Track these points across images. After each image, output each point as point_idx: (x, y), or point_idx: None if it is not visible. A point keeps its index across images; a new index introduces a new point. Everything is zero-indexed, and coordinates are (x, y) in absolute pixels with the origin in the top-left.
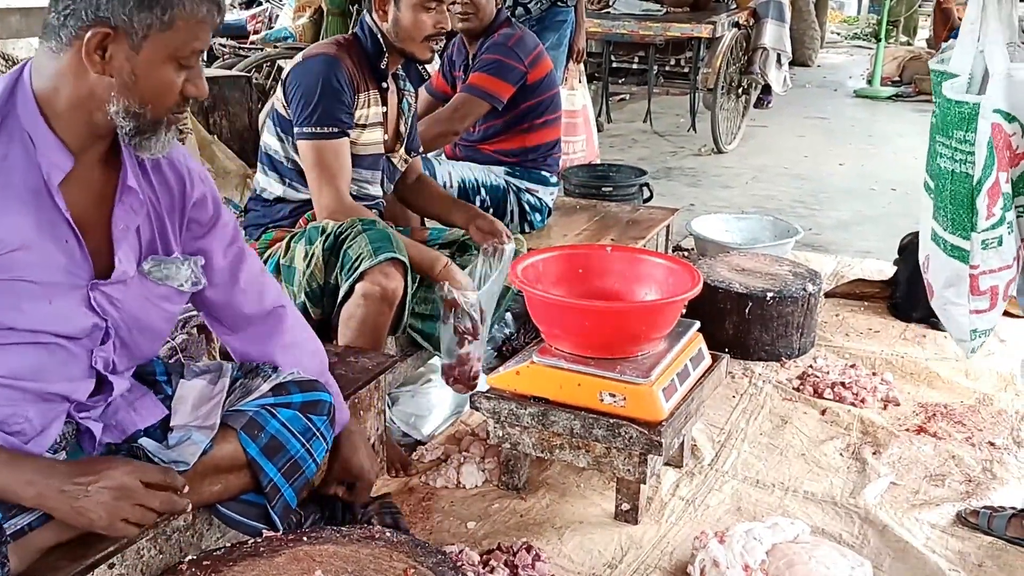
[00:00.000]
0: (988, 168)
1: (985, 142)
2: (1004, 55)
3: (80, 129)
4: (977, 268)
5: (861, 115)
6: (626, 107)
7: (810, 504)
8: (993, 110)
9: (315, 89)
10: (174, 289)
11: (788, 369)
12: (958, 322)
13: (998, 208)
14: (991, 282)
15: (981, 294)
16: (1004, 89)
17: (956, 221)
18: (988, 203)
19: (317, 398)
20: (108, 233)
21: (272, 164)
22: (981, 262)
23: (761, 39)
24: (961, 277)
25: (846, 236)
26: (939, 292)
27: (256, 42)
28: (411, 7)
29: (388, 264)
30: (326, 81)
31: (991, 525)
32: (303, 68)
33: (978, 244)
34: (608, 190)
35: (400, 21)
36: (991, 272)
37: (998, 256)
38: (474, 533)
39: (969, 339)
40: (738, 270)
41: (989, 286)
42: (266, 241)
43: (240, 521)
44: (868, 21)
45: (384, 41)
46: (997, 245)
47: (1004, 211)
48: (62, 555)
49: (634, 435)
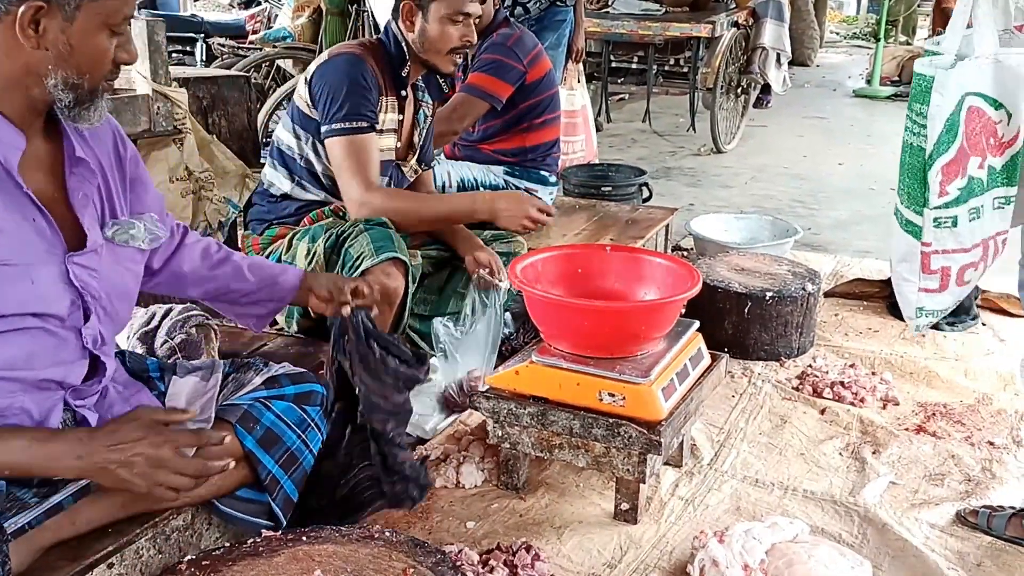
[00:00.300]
0: (944, 144)
1: (941, 117)
2: (994, 38)
3: (20, 106)
4: (929, 246)
5: (860, 115)
6: (625, 107)
7: (809, 503)
8: (972, 93)
9: (343, 85)
10: (137, 249)
11: (787, 369)
12: (907, 299)
13: (954, 188)
14: (943, 262)
15: (932, 273)
16: (991, 74)
17: (911, 195)
18: (941, 180)
19: (309, 389)
20: (66, 205)
21: (283, 160)
22: (933, 240)
23: (760, 39)
24: (913, 253)
25: (845, 236)
26: (895, 266)
27: (255, 42)
28: (439, 19)
29: (389, 263)
30: (353, 78)
31: (990, 525)
32: (330, 66)
33: (930, 221)
34: (607, 190)
35: (427, 32)
36: (944, 252)
37: (952, 237)
38: (473, 533)
39: (915, 316)
40: (737, 270)
41: (940, 266)
42: (269, 237)
43: (242, 518)
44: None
45: (408, 50)
46: (951, 225)
47: (968, 194)
48: (61, 555)
49: (633, 435)
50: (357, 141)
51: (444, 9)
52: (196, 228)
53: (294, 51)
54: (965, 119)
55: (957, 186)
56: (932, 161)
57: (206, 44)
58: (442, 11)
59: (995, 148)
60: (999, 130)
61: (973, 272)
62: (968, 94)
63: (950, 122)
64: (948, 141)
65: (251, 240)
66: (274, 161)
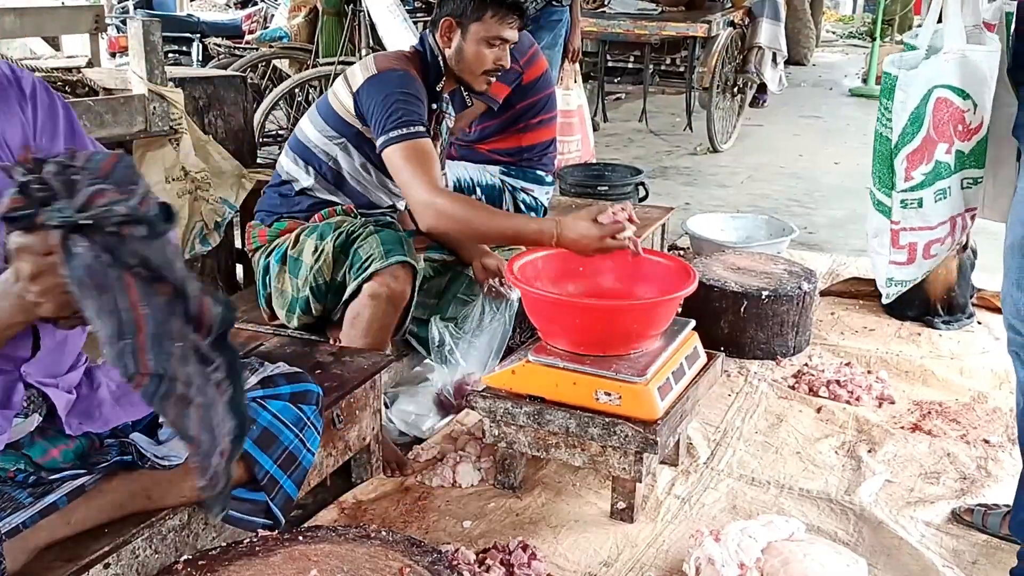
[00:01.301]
0: (908, 135)
1: (906, 112)
2: (961, 34)
3: None
4: (897, 224)
5: (856, 114)
6: (622, 106)
7: (805, 502)
8: (940, 85)
9: (397, 96)
10: None
11: (783, 367)
12: (879, 270)
13: (919, 173)
14: (910, 239)
15: (900, 248)
16: (958, 68)
17: (881, 178)
18: (907, 167)
19: (305, 388)
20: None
21: (307, 156)
22: (901, 219)
23: (756, 38)
24: (884, 230)
25: (841, 235)
26: (869, 240)
27: (251, 42)
28: (476, 40)
29: (398, 267)
30: (408, 89)
31: (986, 523)
32: (382, 80)
33: (897, 202)
34: (604, 189)
35: (463, 51)
36: (911, 229)
37: (919, 216)
38: (470, 532)
39: (886, 286)
40: (733, 269)
41: (908, 242)
42: (277, 229)
43: (239, 518)
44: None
45: (444, 65)
46: (917, 206)
47: (934, 177)
48: (57, 555)
49: (630, 433)
50: (418, 145)
51: (483, 32)
52: (192, 228)
53: (290, 51)
54: (932, 109)
55: (922, 171)
56: (898, 150)
57: (202, 44)
58: (481, 33)
59: (963, 134)
60: (967, 117)
61: (939, 247)
62: (936, 86)
63: (914, 115)
64: (912, 132)
65: (258, 231)
66: (296, 155)
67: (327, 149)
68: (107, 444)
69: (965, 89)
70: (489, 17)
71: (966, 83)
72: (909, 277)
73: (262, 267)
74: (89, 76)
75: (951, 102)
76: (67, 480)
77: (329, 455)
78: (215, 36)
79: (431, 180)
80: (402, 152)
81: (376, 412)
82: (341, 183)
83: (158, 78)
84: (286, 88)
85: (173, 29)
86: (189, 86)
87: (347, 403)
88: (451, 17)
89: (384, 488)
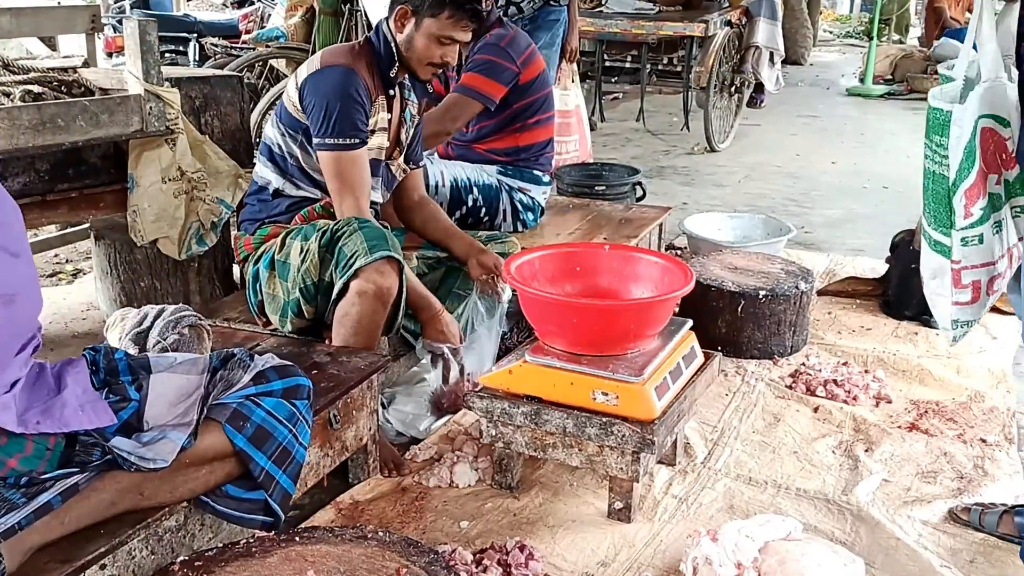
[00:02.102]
0: (964, 171)
1: (960, 147)
2: (997, 62)
3: None
4: (959, 263)
5: (853, 113)
6: (619, 106)
7: (802, 501)
8: (983, 115)
9: (335, 100)
10: None
11: (781, 367)
12: (941, 312)
13: (977, 208)
14: (973, 277)
15: (963, 287)
16: (998, 95)
17: (938, 218)
18: (965, 203)
19: (296, 383)
20: None
21: (271, 156)
22: (962, 257)
23: (753, 37)
24: (944, 270)
25: (838, 234)
26: (927, 282)
27: (248, 42)
28: (428, 34)
29: (383, 262)
30: (345, 93)
31: (982, 522)
32: (322, 78)
33: (958, 241)
34: (601, 189)
35: (413, 40)
36: (973, 267)
37: (978, 253)
38: (467, 532)
39: (951, 328)
40: (731, 268)
41: (971, 280)
42: (261, 236)
43: (238, 517)
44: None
45: (396, 51)
46: (977, 243)
47: (989, 211)
48: (53, 556)
49: (627, 433)
50: (347, 158)
51: (436, 28)
52: (189, 228)
53: (287, 51)
54: (980, 142)
55: (979, 207)
56: (956, 188)
57: (199, 44)
58: (433, 29)
59: (1008, 162)
60: (1009, 145)
61: (1001, 281)
62: (981, 116)
63: (968, 149)
64: (968, 167)
65: (243, 240)
66: (264, 158)
67: (287, 148)
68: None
69: (1006, 117)
70: (445, 16)
71: (1006, 110)
72: (974, 316)
73: (251, 275)
74: (85, 76)
75: (995, 131)
76: (60, 479)
77: (326, 455)
78: (212, 36)
79: (357, 200)
80: (334, 163)
81: (373, 412)
82: (309, 178)
83: (154, 78)
84: (282, 88)
85: (170, 29)
86: (185, 86)
87: (344, 403)
88: (407, 6)
89: (381, 488)
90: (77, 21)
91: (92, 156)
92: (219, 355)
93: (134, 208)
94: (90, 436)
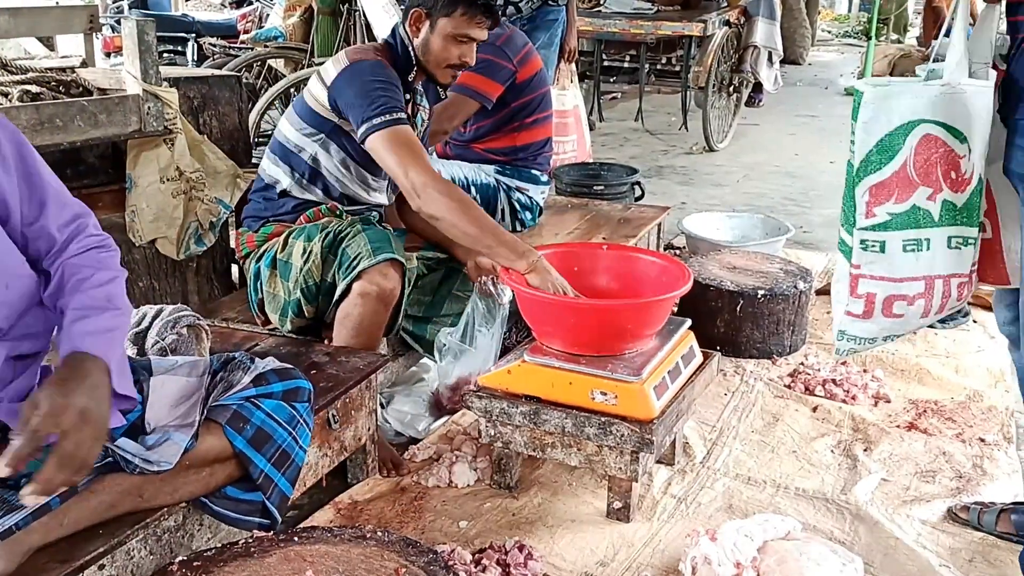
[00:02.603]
0: (873, 164)
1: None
2: (964, 66)
3: None
4: (857, 268)
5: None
6: (618, 106)
7: (801, 501)
8: (931, 120)
9: (373, 85)
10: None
11: (779, 367)
12: (835, 319)
13: (883, 211)
14: (868, 288)
15: (857, 297)
16: (956, 103)
17: (845, 213)
18: (868, 200)
19: (296, 386)
20: None
21: (286, 156)
22: (861, 262)
23: (752, 37)
24: (844, 273)
25: (837, 233)
26: (833, 286)
27: (246, 41)
28: (443, 35)
29: (387, 264)
30: (383, 76)
31: (981, 521)
32: (355, 69)
33: (857, 242)
34: (600, 189)
35: (429, 43)
36: (871, 278)
37: (880, 263)
38: (466, 532)
39: (837, 339)
40: (729, 268)
41: (866, 291)
42: (264, 234)
43: (236, 518)
44: (859, 19)
45: (414, 55)
46: (878, 250)
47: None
48: (51, 556)
49: (626, 433)
50: (402, 132)
51: (451, 28)
52: (187, 228)
53: (285, 51)
54: (916, 146)
55: (888, 210)
56: (859, 178)
57: (197, 44)
58: (449, 28)
59: (955, 183)
60: (963, 165)
61: (905, 306)
62: (925, 120)
63: (884, 143)
64: (880, 161)
65: (246, 237)
66: (276, 157)
67: (306, 147)
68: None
69: (962, 131)
70: (459, 14)
71: (965, 123)
72: (865, 335)
73: (252, 273)
74: (83, 76)
75: (942, 142)
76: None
77: (325, 455)
78: (210, 36)
79: (424, 164)
80: (387, 139)
81: (372, 412)
82: (317, 180)
83: (152, 78)
84: (281, 88)
85: (168, 29)
86: (184, 86)
87: (343, 403)
88: (421, 8)
89: (380, 488)
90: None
91: (90, 156)
92: (219, 358)
93: (132, 208)
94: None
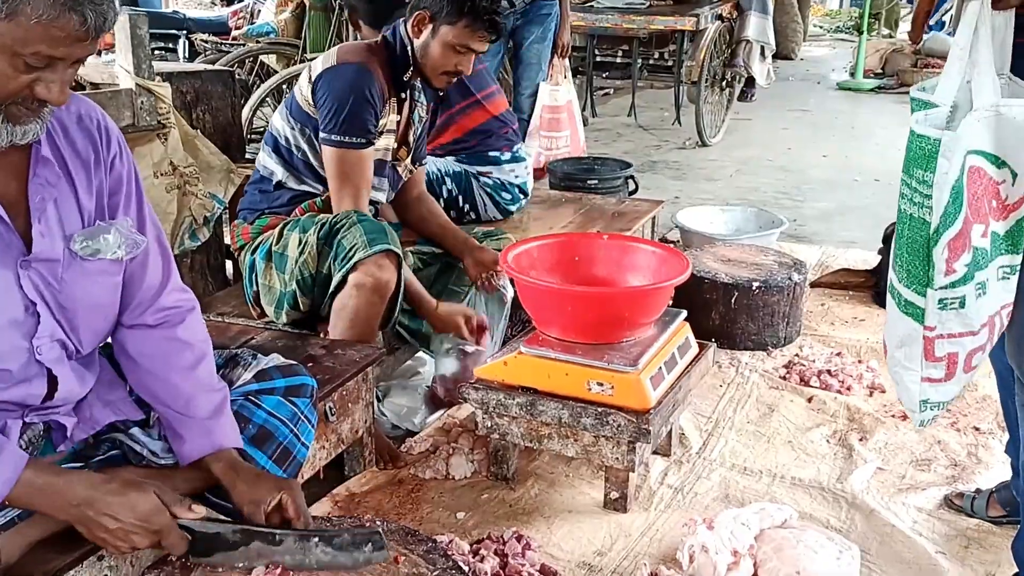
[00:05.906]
0: (950, 216)
1: (948, 186)
2: (995, 87)
3: None
4: (933, 330)
5: (844, 107)
6: (610, 101)
7: (797, 490)
8: (972, 151)
9: (347, 98)
10: (109, 260)
11: (774, 358)
12: (908, 389)
13: (961, 264)
14: (949, 348)
15: (936, 361)
16: (992, 128)
17: (912, 273)
18: (948, 257)
19: (299, 382)
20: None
21: (277, 148)
22: (938, 324)
23: (744, 32)
24: (914, 338)
25: (830, 227)
26: (891, 352)
27: (238, 38)
28: (444, 42)
29: (382, 256)
30: (359, 92)
31: (974, 508)
32: (337, 74)
33: (934, 303)
34: (593, 183)
35: (429, 47)
36: (950, 337)
37: (959, 320)
38: (464, 523)
39: (918, 410)
40: (724, 260)
41: (946, 352)
42: (260, 226)
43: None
44: (850, 14)
45: (412, 56)
46: (958, 307)
47: (973, 269)
48: (51, 547)
49: (622, 423)
50: (351, 156)
51: (453, 36)
52: (181, 223)
53: (277, 46)
54: (967, 183)
55: (964, 262)
56: (938, 236)
57: (189, 41)
58: (450, 37)
59: (998, 212)
60: (1002, 191)
61: (980, 356)
62: (969, 152)
63: (956, 190)
64: (954, 212)
65: (241, 229)
66: (270, 150)
67: (295, 141)
68: (101, 438)
69: (1000, 156)
70: (462, 25)
71: (1001, 148)
72: (947, 397)
73: (248, 265)
74: None
75: (984, 172)
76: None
77: (322, 448)
78: (201, 33)
79: (356, 200)
80: (338, 160)
81: (368, 405)
82: (314, 173)
83: (145, 72)
84: (274, 84)
85: (159, 26)
86: (177, 81)
87: (339, 396)
88: (426, 11)
89: (377, 480)
90: None
91: None
92: (222, 355)
93: None
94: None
